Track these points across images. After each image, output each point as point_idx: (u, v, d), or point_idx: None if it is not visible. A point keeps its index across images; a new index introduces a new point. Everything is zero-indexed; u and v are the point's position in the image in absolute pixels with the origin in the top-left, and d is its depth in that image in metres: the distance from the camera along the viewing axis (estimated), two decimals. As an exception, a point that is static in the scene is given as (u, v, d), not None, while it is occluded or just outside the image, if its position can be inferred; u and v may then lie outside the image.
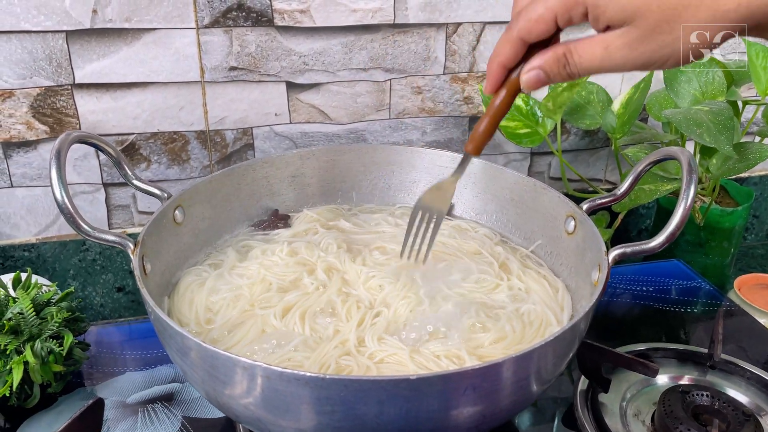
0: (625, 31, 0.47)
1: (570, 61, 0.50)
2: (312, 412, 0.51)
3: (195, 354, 0.53)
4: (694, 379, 0.80)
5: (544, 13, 0.49)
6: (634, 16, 0.46)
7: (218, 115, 0.99)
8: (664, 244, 0.62)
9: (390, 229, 0.83)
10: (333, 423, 0.51)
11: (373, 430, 0.51)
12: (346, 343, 0.64)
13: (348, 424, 0.51)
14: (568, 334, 0.54)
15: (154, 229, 0.69)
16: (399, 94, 1.04)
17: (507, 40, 0.52)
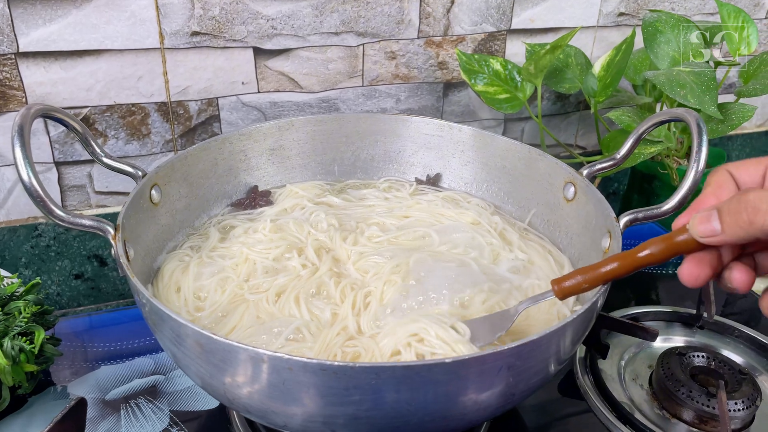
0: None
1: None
2: (336, 402, 0.47)
3: (202, 346, 0.49)
4: (687, 341, 0.81)
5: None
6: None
7: (180, 84, 0.92)
8: (677, 208, 0.61)
9: (380, 203, 0.79)
10: (360, 413, 0.48)
11: (403, 417, 0.48)
12: (346, 329, 0.61)
13: (377, 413, 0.48)
14: (595, 306, 0.53)
15: (132, 211, 0.63)
16: (372, 60, 0.99)
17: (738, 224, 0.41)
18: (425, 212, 0.76)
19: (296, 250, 0.70)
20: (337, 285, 0.64)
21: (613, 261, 0.49)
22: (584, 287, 0.51)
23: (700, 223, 0.43)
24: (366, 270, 0.67)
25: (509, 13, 1.03)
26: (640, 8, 1.11)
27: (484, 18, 1.02)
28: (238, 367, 0.48)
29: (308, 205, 0.78)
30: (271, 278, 0.67)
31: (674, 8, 1.13)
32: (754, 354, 0.79)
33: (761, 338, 0.79)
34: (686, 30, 0.93)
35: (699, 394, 0.70)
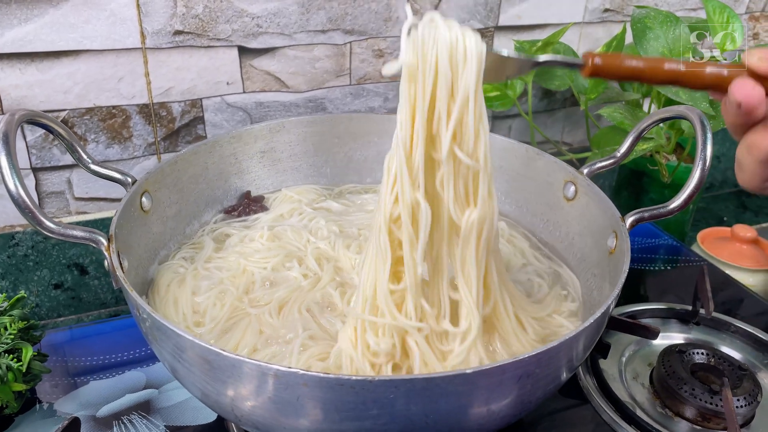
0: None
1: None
2: (352, 417, 0.45)
3: (210, 363, 0.46)
4: (685, 338, 0.81)
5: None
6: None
7: (163, 85, 0.88)
8: (683, 206, 0.61)
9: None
10: (377, 427, 0.46)
11: (421, 429, 0.47)
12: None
13: (394, 426, 0.46)
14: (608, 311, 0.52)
15: (124, 219, 0.60)
16: (360, 58, 0.97)
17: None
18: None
19: (296, 260, 0.68)
20: (343, 296, 0.63)
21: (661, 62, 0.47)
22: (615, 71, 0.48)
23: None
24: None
25: (497, 10, 1.02)
26: (625, 4, 1.11)
27: (471, 15, 1.01)
28: (250, 383, 0.46)
29: (306, 211, 0.75)
30: (271, 290, 0.64)
31: (658, 4, 1.13)
32: (750, 349, 0.80)
33: (757, 333, 0.79)
34: (675, 26, 0.93)
35: (702, 391, 0.70)
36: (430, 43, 0.47)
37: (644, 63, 0.47)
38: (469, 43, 0.47)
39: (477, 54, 0.47)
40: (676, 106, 0.64)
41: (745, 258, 0.98)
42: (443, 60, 0.46)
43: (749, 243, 0.99)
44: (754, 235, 0.98)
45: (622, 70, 0.47)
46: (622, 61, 0.47)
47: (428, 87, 0.47)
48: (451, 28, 0.47)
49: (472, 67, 0.47)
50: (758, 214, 1.33)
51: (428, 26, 0.47)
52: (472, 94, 0.47)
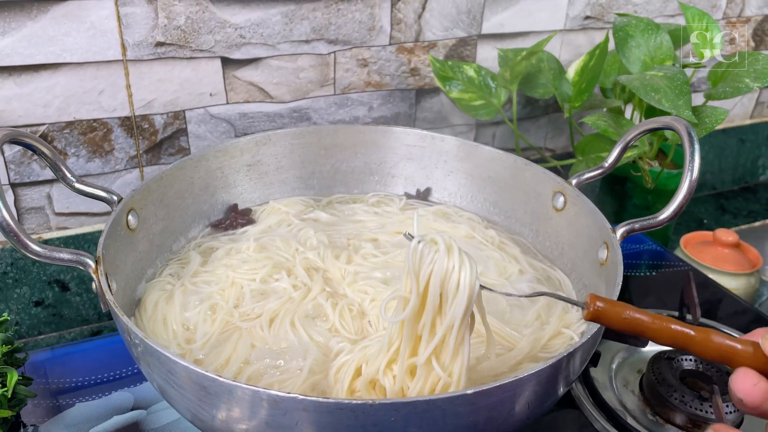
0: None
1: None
2: (352, 441, 0.45)
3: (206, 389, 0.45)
4: (673, 344, 0.82)
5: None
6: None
7: (145, 97, 0.87)
8: (673, 217, 0.61)
9: (371, 218, 0.77)
10: (377, 450, 0.45)
11: (422, 452, 0.46)
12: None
13: (395, 449, 0.45)
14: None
15: (110, 240, 0.59)
16: (344, 68, 0.97)
17: None
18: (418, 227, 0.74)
19: (285, 270, 0.67)
20: (335, 307, 0.62)
21: (669, 321, 0.45)
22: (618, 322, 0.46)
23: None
24: (364, 291, 0.64)
25: (479, 18, 1.02)
26: (605, 11, 1.12)
27: (455, 23, 1.01)
28: (247, 408, 0.45)
29: (295, 222, 0.75)
30: (261, 303, 0.64)
31: (637, 11, 1.14)
32: (736, 354, 0.80)
33: (743, 338, 0.80)
34: (656, 34, 0.94)
35: (691, 398, 0.70)
36: (427, 261, 0.47)
37: (650, 319, 0.46)
38: (463, 277, 0.47)
39: (469, 289, 0.47)
40: (663, 117, 0.64)
41: (728, 262, 0.99)
42: (434, 285, 0.47)
43: (731, 247, 1.00)
44: (736, 239, 1.00)
45: (626, 321, 0.46)
46: (625, 311, 0.46)
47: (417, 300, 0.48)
48: (450, 255, 0.47)
49: (461, 300, 0.47)
50: (736, 216, 1.35)
51: (429, 246, 0.48)
52: (458, 323, 0.47)
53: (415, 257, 0.47)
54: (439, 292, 0.47)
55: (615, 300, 0.47)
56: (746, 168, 1.45)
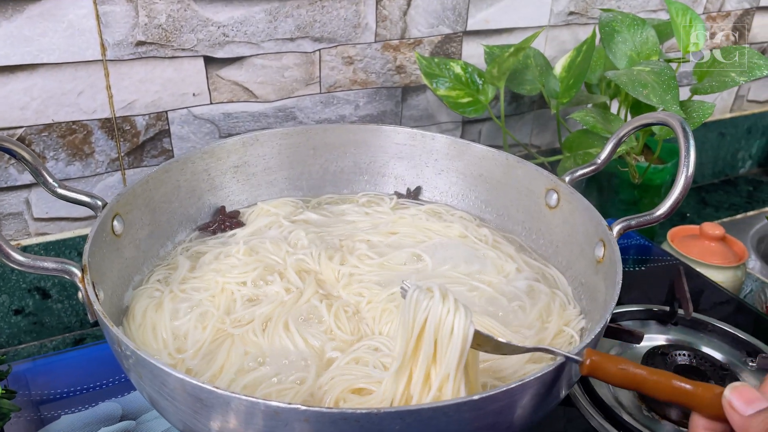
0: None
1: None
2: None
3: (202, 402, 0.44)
4: (666, 339, 0.82)
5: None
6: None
7: (126, 98, 0.85)
8: (670, 213, 0.61)
9: (362, 218, 0.76)
10: (382, 459, 0.44)
11: (426, 459, 0.45)
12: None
13: (400, 457, 0.44)
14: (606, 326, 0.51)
15: (96, 247, 0.57)
16: (329, 66, 0.95)
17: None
18: (412, 227, 0.73)
19: (277, 273, 0.65)
20: (330, 309, 0.61)
21: (665, 376, 0.44)
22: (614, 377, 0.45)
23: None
24: (360, 293, 0.63)
25: (465, 15, 1.01)
26: (588, 7, 1.12)
27: (440, 20, 1.00)
28: (245, 420, 0.43)
29: (285, 224, 0.73)
30: (253, 308, 0.62)
31: (620, 6, 1.14)
32: (729, 348, 0.81)
33: (735, 332, 0.81)
34: (641, 29, 0.93)
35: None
36: (422, 308, 0.47)
37: (648, 374, 0.45)
38: (457, 322, 0.47)
39: (463, 333, 0.47)
40: (656, 113, 0.64)
41: (714, 255, 1.00)
42: (429, 331, 0.47)
43: (717, 240, 1.01)
44: (722, 233, 1.00)
45: (624, 375, 0.45)
46: (623, 366, 0.45)
47: (411, 345, 0.48)
48: (445, 302, 0.47)
49: (456, 346, 0.47)
50: (718, 209, 1.36)
51: (424, 293, 0.48)
52: (453, 372, 0.47)
53: (411, 306, 0.47)
54: (433, 339, 0.47)
55: (611, 354, 0.46)
56: (726, 161, 1.47)
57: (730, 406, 0.40)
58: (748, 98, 1.43)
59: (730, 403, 0.40)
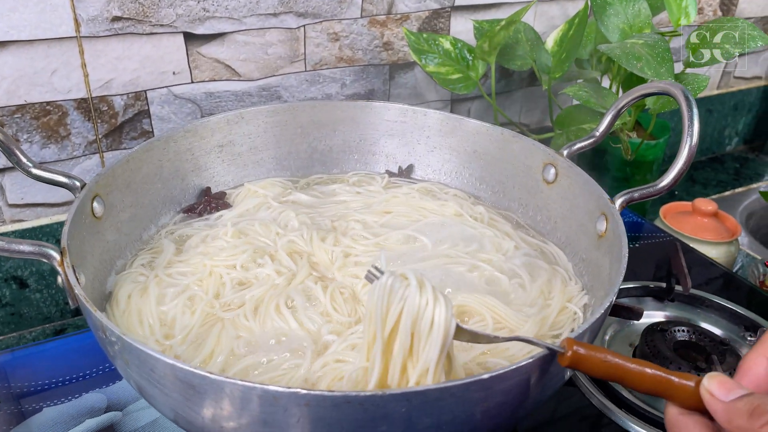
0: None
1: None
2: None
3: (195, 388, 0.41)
4: (665, 316, 0.81)
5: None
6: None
7: (102, 77, 0.81)
8: (673, 184, 0.59)
9: (353, 198, 0.73)
10: (386, 443, 0.42)
11: (433, 442, 0.43)
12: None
13: (405, 441, 0.42)
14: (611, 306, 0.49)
15: (75, 229, 0.54)
16: (314, 42, 0.92)
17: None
18: (405, 206, 0.71)
19: (268, 256, 0.63)
20: (326, 290, 0.58)
21: (648, 366, 0.42)
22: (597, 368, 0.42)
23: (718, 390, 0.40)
24: (355, 275, 0.60)
25: (453, -11, 0.98)
26: (578, -19, 1.09)
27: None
28: (241, 406, 0.41)
29: (274, 205, 0.70)
30: (243, 291, 0.59)
31: (609, -20, 1.12)
32: (726, 323, 0.80)
33: (732, 307, 0.80)
34: (634, 1, 0.91)
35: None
36: (397, 298, 0.43)
37: (633, 365, 0.42)
38: (438, 314, 0.43)
39: (444, 328, 0.43)
40: (658, 82, 0.62)
41: (707, 231, 0.99)
42: (405, 324, 0.43)
43: (710, 216, 1.00)
44: (715, 209, 0.99)
45: (607, 366, 0.42)
46: (607, 356, 0.42)
47: (384, 336, 0.44)
48: (423, 292, 0.43)
49: (436, 340, 0.43)
50: (706, 186, 1.36)
51: (399, 281, 0.44)
52: (433, 366, 0.43)
53: (384, 294, 0.43)
54: (410, 332, 0.43)
55: (593, 344, 0.43)
56: (713, 138, 1.46)
57: (710, 394, 0.39)
58: (735, 75, 1.42)
59: (710, 392, 0.39)
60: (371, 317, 0.44)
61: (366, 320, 0.44)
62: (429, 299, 0.43)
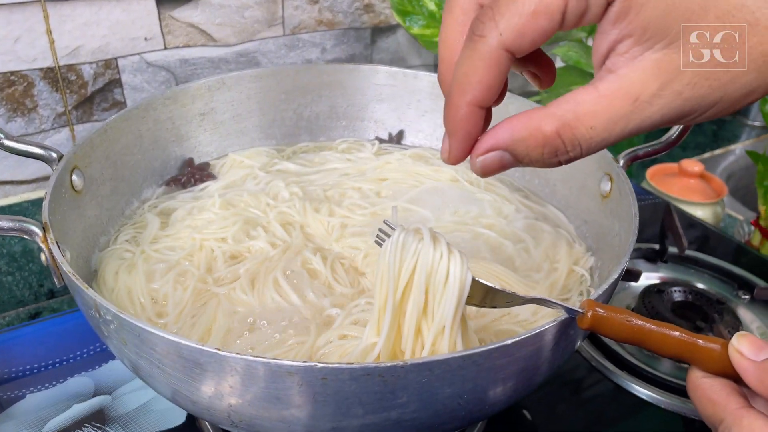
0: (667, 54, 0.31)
1: (571, 142, 0.32)
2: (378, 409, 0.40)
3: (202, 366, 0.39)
4: (659, 277, 0.80)
5: (551, 3, 0.31)
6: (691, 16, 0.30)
7: (69, 44, 0.76)
8: (677, 141, 0.58)
9: (344, 165, 0.70)
10: (405, 415, 0.40)
11: (453, 412, 0.42)
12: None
13: (425, 413, 0.40)
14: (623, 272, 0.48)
15: (56, 204, 0.50)
16: (293, 5, 0.88)
17: (480, 55, 0.33)
18: (401, 173, 0.68)
19: (261, 227, 0.60)
20: (325, 261, 0.55)
21: (672, 329, 0.40)
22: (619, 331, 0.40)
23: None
24: (356, 246, 0.58)
25: (434, -52, 0.95)
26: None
27: (409, -47, 0.93)
28: (255, 383, 0.38)
29: (261, 175, 0.67)
30: (237, 265, 0.56)
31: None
32: (719, 282, 0.80)
33: (725, 266, 0.80)
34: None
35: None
36: (410, 253, 0.41)
37: (656, 327, 0.40)
38: (453, 268, 0.41)
39: (460, 281, 0.41)
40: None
41: (694, 192, 0.99)
42: (419, 280, 0.41)
43: (696, 177, 1.00)
44: (701, 169, 1.00)
45: (629, 328, 0.40)
46: (629, 318, 0.40)
47: (398, 296, 0.41)
48: (437, 246, 0.41)
49: (452, 295, 0.41)
50: (685, 149, 1.36)
51: (412, 235, 0.41)
52: (449, 324, 0.41)
53: (396, 250, 0.41)
54: (424, 287, 0.41)
55: (616, 307, 0.41)
56: (690, 101, 1.46)
57: (740, 354, 0.38)
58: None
59: (739, 351, 0.38)
60: (382, 278, 0.41)
61: (377, 282, 0.42)
62: (444, 252, 0.41)
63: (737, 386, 0.39)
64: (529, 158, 0.34)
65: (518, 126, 0.34)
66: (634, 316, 0.41)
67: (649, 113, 0.32)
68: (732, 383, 0.39)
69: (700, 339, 0.40)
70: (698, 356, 0.40)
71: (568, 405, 0.64)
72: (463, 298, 0.41)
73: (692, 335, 0.40)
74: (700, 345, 0.40)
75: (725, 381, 0.39)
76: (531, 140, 0.33)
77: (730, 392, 0.38)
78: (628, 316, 0.41)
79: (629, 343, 0.41)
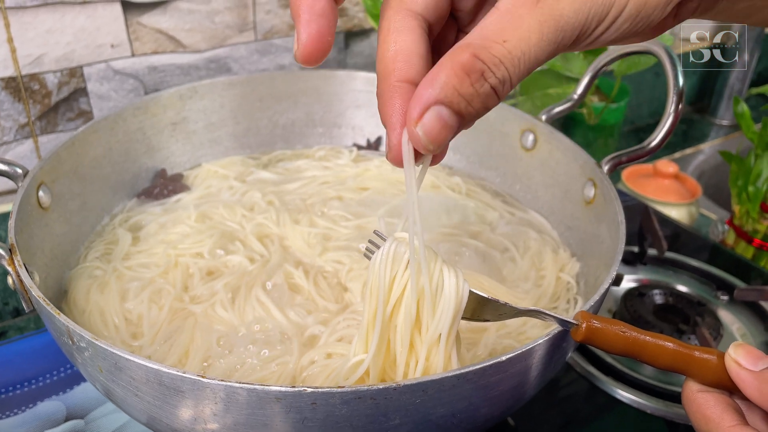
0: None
1: (491, 61, 0.30)
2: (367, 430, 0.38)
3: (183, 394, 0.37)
4: (638, 280, 0.80)
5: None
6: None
7: (32, 53, 0.73)
8: (660, 145, 0.57)
9: (322, 173, 0.68)
10: (398, 437, 0.39)
11: (446, 431, 0.40)
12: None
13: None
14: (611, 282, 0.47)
15: (22, 222, 0.47)
16: (264, 9, 0.86)
17: (400, 27, 0.32)
18: (381, 181, 0.67)
19: (238, 241, 0.58)
20: (308, 276, 0.54)
21: (667, 340, 0.39)
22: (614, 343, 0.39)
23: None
24: (339, 261, 0.56)
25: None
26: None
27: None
28: (239, 410, 0.37)
29: (236, 185, 0.65)
30: (213, 282, 0.54)
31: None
32: (697, 284, 0.80)
33: (703, 267, 0.80)
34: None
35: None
36: (403, 266, 0.39)
37: (651, 338, 0.39)
38: (448, 279, 0.39)
39: (456, 292, 0.39)
40: (640, 41, 0.60)
41: (669, 193, 0.99)
42: (412, 290, 0.38)
43: (671, 178, 1.00)
44: (676, 170, 1.00)
45: (624, 340, 0.39)
46: (624, 330, 0.39)
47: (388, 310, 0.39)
48: (431, 260, 0.39)
49: (448, 308, 0.38)
50: (656, 149, 1.37)
51: (404, 247, 0.39)
52: (445, 333, 0.38)
53: (387, 262, 0.38)
54: (416, 300, 0.38)
55: (611, 319, 0.40)
56: (661, 101, 1.48)
57: (737, 364, 0.37)
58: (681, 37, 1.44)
59: (737, 361, 0.37)
60: (371, 290, 0.39)
61: (366, 294, 0.40)
62: (438, 264, 0.39)
63: (733, 402, 0.39)
64: (463, 100, 0.30)
65: (436, 74, 0.30)
66: (628, 328, 0.40)
67: (559, 11, 0.30)
68: (728, 399, 0.39)
69: (696, 350, 0.39)
70: (694, 368, 0.39)
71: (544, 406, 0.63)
72: (461, 310, 0.40)
73: (688, 347, 0.40)
74: (696, 356, 0.39)
75: (720, 396, 0.39)
76: (454, 77, 0.30)
77: (725, 408, 0.38)
78: (622, 327, 0.40)
79: (623, 356, 0.40)
